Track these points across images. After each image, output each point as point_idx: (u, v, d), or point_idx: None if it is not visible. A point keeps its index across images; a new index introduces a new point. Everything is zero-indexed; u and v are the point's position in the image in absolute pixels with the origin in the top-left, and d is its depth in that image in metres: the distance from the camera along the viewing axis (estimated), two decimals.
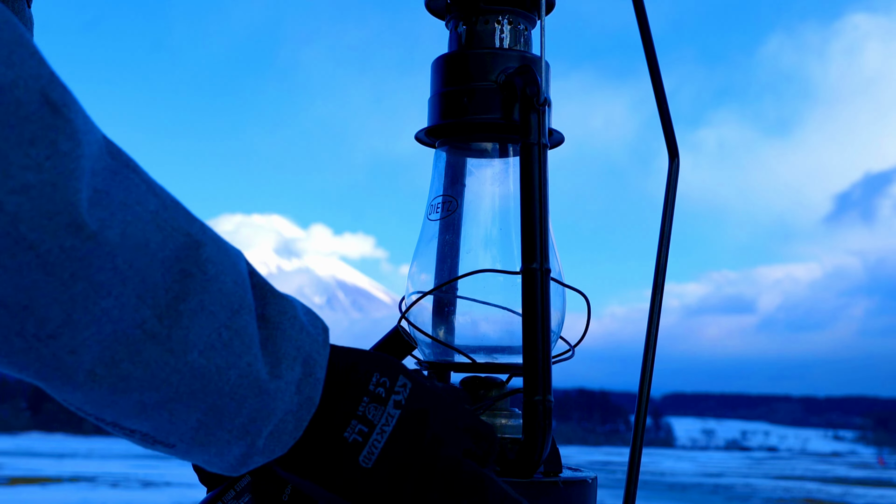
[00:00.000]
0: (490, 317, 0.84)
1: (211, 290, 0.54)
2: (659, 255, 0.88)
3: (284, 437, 0.60)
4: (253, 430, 0.58)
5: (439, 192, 0.87)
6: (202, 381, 0.55)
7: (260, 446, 0.60)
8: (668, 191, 0.89)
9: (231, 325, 0.56)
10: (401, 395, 0.64)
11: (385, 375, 0.65)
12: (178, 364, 0.54)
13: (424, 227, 0.87)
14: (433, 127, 0.85)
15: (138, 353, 0.52)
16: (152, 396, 0.54)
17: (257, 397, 0.57)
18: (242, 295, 0.57)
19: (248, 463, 0.60)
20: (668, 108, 0.88)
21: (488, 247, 0.85)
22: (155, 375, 0.53)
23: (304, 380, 0.60)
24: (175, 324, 0.53)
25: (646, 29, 0.87)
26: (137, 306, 0.51)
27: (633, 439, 0.86)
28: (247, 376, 0.57)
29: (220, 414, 0.57)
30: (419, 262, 0.87)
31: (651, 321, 0.87)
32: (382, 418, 0.63)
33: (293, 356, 0.59)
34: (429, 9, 0.87)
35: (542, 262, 0.76)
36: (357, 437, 0.63)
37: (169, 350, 0.53)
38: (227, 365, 0.56)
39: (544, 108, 0.78)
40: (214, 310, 0.55)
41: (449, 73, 0.83)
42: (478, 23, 0.84)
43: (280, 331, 0.59)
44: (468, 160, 0.88)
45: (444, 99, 0.83)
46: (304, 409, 0.60)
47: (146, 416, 0.55)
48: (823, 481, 37.75)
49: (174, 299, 0.53)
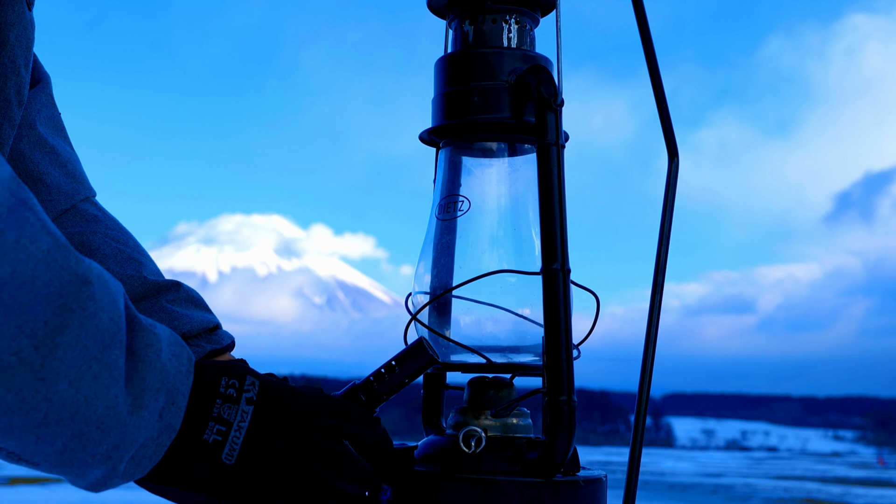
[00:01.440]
0: (496, 317, 0.83)
1: (87, 326, 0.58)
2: (658, 254, 0.88)
3: (144, 462, 0.65)
4: (115, 456, 0.62)
5: (448, 192, 0.86)
6: (70, 411, 0.59)
7: (121, 470, 0.64)
8: (668, 190, 0.89)
9: (101, 359, 0.59)
10: (251, 393, 0.69)
11: (233, 378, 0.69)
12: (49, 393, 0.57)
13: (432, 227, 0.87)
14: (439, 126, 0.84)
15: (11, 379, 0.55)
16: (20, 420, 0.57)
17: (121, 428, 0.61)
18: (115, 331, 0.60)
19: (108, 484, 0.64)
20: (667, 108, 0.88)
21: (497, 247, 0.85)
22: (25, 402, 0.56)
23: (167, 408, 0.64)
24: (50, 355, 0.56)
25: (645, 29, 0.87)
26: (15, 335, 0.54)
27: (633, 439, 0.86)
28: (113, 407, 0.60)
29: (85, 440, 0.61)
30: (426, 262, 0.86)
31: (651, 321, 0.87)
32: (237, 415, 0.68)
33: (157, 387, 0.64)
34: (430, 8, 0.86)
35: (563, 263, 0.76)
36: (216, 437, 0.67)
37: (41, 379, 0.56)
38: (96, 396, 0.59)
39: (561, 108, 0.78)
40: (88, 344, 0.58)
41: (455, 72, 0.83)
42: (485, 22, 0.83)
43: (145, 363, 0.63)
44: (476, 160, 0.87)
45: (450, 98, 0.83)
46: (165, 435, 0.65)
47: (13, 437, 0.59)
48: (823, 481, 37.72)
49: (52, 332, 0.56)
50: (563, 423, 0.75)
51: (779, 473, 45.22)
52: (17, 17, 0.76)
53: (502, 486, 0.75)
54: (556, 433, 0.75)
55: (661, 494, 26.67)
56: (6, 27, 0.75)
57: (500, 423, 0.81)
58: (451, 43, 0.87)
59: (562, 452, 0.75)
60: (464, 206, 0.85)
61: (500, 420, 0.81)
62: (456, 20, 0.85)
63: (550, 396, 0.75)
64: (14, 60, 0.76)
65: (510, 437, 0.81)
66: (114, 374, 0.60)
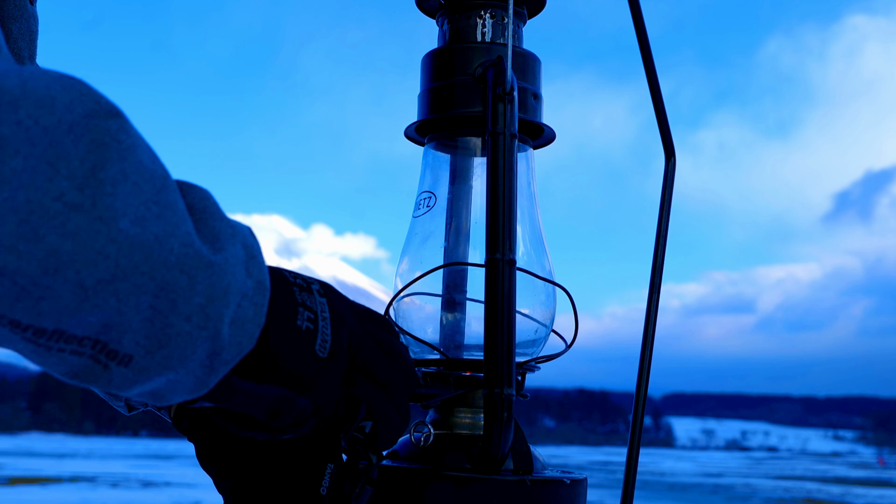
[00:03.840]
0: (479, 315, 0.83)
1: (131, 160, 0.50)
2: (656, 253, 0.88)
3: (248, 326, 0.55)
4: (213, 314, 0.53)
5: (423, 189, 0.86)
6: (143, 251, 0.50)
7: (226, 336, 0.54)
8: (665, 190, 0.89)
9: (159, 201, 0.51)
10: (317, 285, 0.63)
11: (292, 273, 0.62)
12: (112, 233, 0.48)
13: (410, 225, 0.87)
14: (418, 123, 0.85)
15: (63, 225, 0.47)
16: (91, 274, 0.48)
17: (207, 269, 0.52)
18: (164, 174, 0.52)
19: (216, 367, 0.55)
20: (664, 107, 0.89)
21: (468, 241, 0.84)
22: (89, 247, 0.48)
23: (250, 262, 0.56)
24: (98, 192, 0.48)
25: (641, 29, 0.87)
26: (51, 175, 0.47)
27: (630, 439, 0.86)
28: (190, 245, 0.52)
29: (173, 292, 0.51)
30: (404, 259, 0.87)
31: (648, 319, 0.87)
32: (318, 306, 0.61)
33: (230, 234, 0.55)
34: (420, 7, 0.87)
35: (504, 253, 0.74)
36: (308, 324, 0.59)
37: (97, 218, 0.48)
38: (166, 234, 0.51)
39: (511, 97, 0.77)
40: (138, 181, 0.50)
41: (433, 69, 0.83)
42: (460, 18, 0.84)
43: (209, 213, 0.55)
44: (453, 156, 0.87)
45: (428, 95, 0.83)
46: (259, 293, 0.56)
47: (91, 305, 0.49)
48: (823, 481, 37.74)
49: (92, 169, 0.48)
50: (495, 416, 0.72)
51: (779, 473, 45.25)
52: (18, 10, 0.78)
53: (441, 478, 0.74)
54: (490, 428, 0.73)
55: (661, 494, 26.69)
56: (9, 20, 0.77)
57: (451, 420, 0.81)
58: (437, 41, 0.87)
59: (497, 447, 0.73)
60: (431, 202, 0.85)
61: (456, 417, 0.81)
62: (440, 18, 0.86)
63: (488, 389, 0.73)
64: (18, 53, 0.78)
65: (463, 433, 0.80)
66: (178, 214, 0.52)
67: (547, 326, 0.85)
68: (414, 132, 0.86)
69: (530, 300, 0.83)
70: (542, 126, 0.84)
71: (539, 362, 0.83)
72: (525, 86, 0.81)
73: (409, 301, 0.85)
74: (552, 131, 0.85)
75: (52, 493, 20.07)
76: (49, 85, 0.48)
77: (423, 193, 0.86)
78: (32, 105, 0.46)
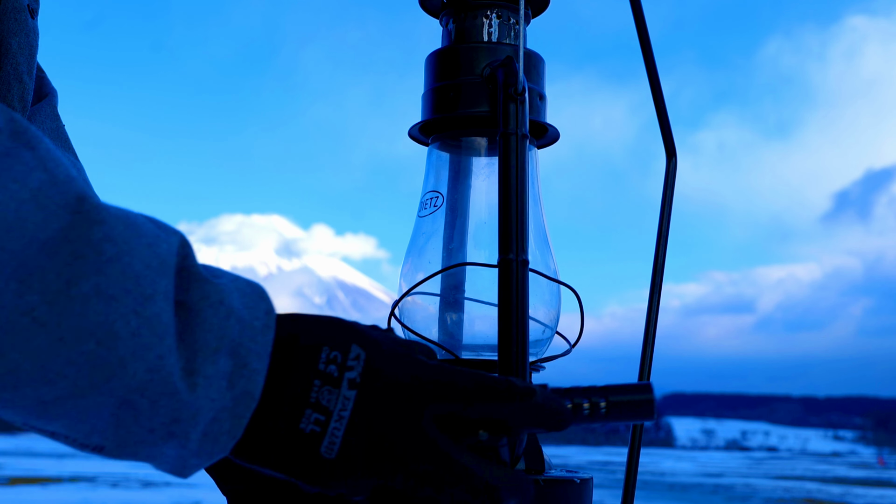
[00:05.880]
0: (485, 314, 0.83)
1: (108, 273, 0.49)
2: (657, 254, 0.88)
3: (223, 438, 0.55)
4: (178, 433, 0.53)
5: (428, 188, 0.86)
6: (103, 374, 0.49)
7: (194, 449, 0.54)
8: (666, 190, 0.89)
9: (141, 312, 0.50)
10: (355, 372, 0.57)
11: (336, 349, 0.58)
12: (73, 355, 0.48)
13: (415, 224, 0.87)
14: (423, 123, 0.85)
15: (26, 343, 0.47)
16: (49, 392, 0.49)
17: (172, 396, 0.52)
18: (155, 279, 0.51)
19: (189, 465, 0.55)
20: (665, 108, 0.88)
21: (476, 242, 0.84)
22: (47, 368, 0.48)
23: (237, 372, 0.54)
24: (66, 311, 0.47)
25: (643, 28, 0.87)
26: (21, 291, 0.46)
27: (631, 440, 0.86)
28: (157, 371, 0.51)
29: (134, 410, 0.51)
30: (409, 259, 0.87)
31: (649, 320, 0.87)
32: (338, 403, 0.57)
33: (214, 347, 0.53)
34: (423, 7, 0.87)
35: (518, 253, 0.74)
36: (314, 427, 0.57)
37: (60, 339, 0.48)
38: (133, 357, 0.50)
39: (522, 97, 0.77)
40: (115, 294, 0.49)
41: (437, 68, 0.83)
42: (466, 18, 0.84)
43: (200, 319, 0.53)
44: (458, 156, 0.87)
45: (433, 95, 0.83)
46: (242, 405, 0.54)
47: (52, 415, 0.51)
48: (823, 481, 37.74)
49: (66, 284, 0.47)
50: None
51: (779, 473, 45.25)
52: (19, 25, 0.77)
53: None
54: None
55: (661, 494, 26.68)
56: (9, 35, 0.76)
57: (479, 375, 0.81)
58: (441, 40, 0.87)
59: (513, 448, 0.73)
60: (438, 202, 0.85)
61: None
62: (444, 18, 0.86)
63: None
64: (17, 68, 0.77)
65: None
66: (157, 330, 0.50)
67: (552, 327, 0.85)
68: (418, 132, 0.86)
69: (536, 300, 0.83)
70: (546, 126, 0.84)
71: (544, 362, 0.83)
72: (531, 86, 0.82)
73: (412, 301, 0.85)
74: (556, 131, 0.85)
75: (52, 493, 20.06)
76: (21, 205, 0.47)
77: (429, 193, 0.86)
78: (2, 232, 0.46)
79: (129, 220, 0.51)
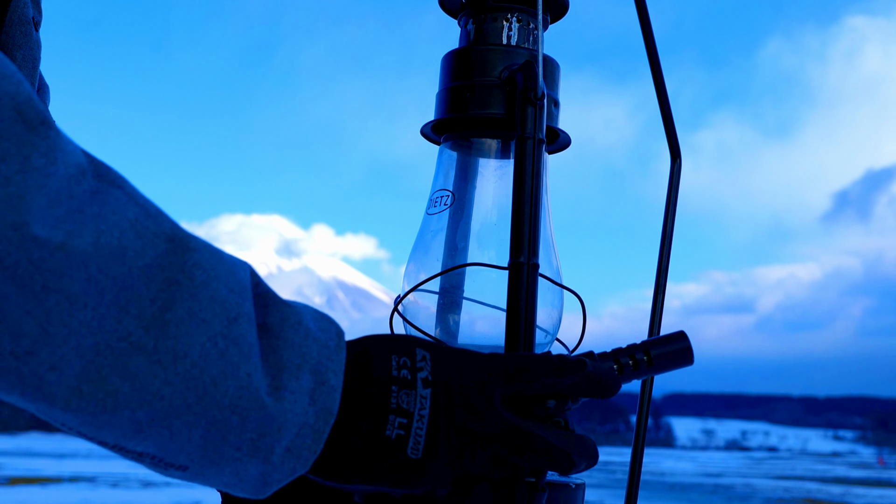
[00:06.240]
0: (486, 315, 0.83)
1: (200, 297, 0.52)
2: (661, 254, 0.87)
3: (304, 453, 0.57)
4: (264, 447, 0.56)
5: (439, 187, 0.86)
6: (197, 394, 0.53)
7: (277, 463, 0.57)
8: (670, 191, 0.89)
9: (228, 335, 0.53)
10: (425, 371, 0.61)
11: (403, 355, 0.62)
12: (169, 376, 0.52)
13: (423, 222, 0.87)
14: (436, 122, 0.85)
15: (125, 367, 0.50)
16: (146, 413, 0.52)
17: (260, 410, 0.55)
18: (239, 302, 0.54)
19: (271, 482, 0.58)
20: (670, 108, 0.88)
21: (484, 243, 0.84)
22: (145, 389, 0.51)
23: (318, 388, 0.57)
24: (162, 334, 0.51)
25: (647, 27, 0.87)
26: (120, 317, 0.49)
27: (635, 440, 0.86)
28: (246, 388, 0.54)
29: (224, 429, 0.54)
30: (415, 257, 0.87)
31: (653, 320, 0.87)
32: (417, 402, 0.60)
33: (297, 364, 0.57)
34: (442, 7, 0.87)
35: (529, 257, 0.74)
36: (399, 431, 0.59)
37: (157, 361, 0.51)
38: (224, 376, 0.53)
39: (541, 102, 0.77)
40: (206, 317, 0.53)
41: (454, 68, 0.83)
42: (486, 20, 0.84)
43: (282, 339, 0.56)
44: (471, 156, 0.87)
45: (448, 94, 0.83)
46: (321, 420, 0.57)
47: (145, 436, 0.53)
48: (823, 481, 37.75)
49: (160, 309, 0.51)
50: None
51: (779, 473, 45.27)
52: (24, 38, 0.78)
53: None
54: None
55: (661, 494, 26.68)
56: (14, 48, 0.77)
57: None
58: (459, 41, 0.87)
59: None
60: (448, 201, 0.85)
61: None
62: (464, 18, 0.86)
63: None
64: None
65: None
66: (243, 349, 0.54)
67: (553, 333, 0.84)
68: (430, 130, 0.86)
69: (540, 304, 0.83)
70: (558, 132, 0.84)
71: None
72: (548, 92, 0.82)
73: (414, 299, 0.85)
74: (568, 137, 0.85)
75: (52, 493, 20.06)
76: (123, 234, 0.50)
77: (439, 191, 0.86)
78: (104, 260, 0.49)
79: (212, 247, 0.55)
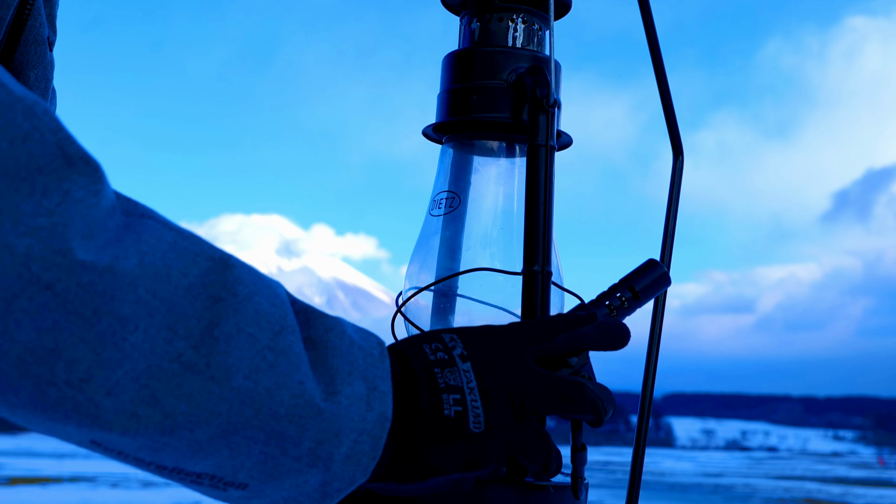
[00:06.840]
0: (489, 317, 0.83)
1: (245, 312, 0.53)
2: (663, 252, 0.87)
3: (364, 460, 0.57)
4: (323, 455, 0.56)
5: (442, 188, 0.86)
6: (253, 407, 0.53)
7: (337, 472, 0.57)
8: (673, 188, 0.88)
9: (275, 347, 0.54)
10: (459, 349, 0.62)
11: (433, 342, 0.63)
12: (224, 391, 0.52)
13: (425, 223, 0.87)
14: (440, 123, 0.84)
15: (179, 387, 0.50)
16: (205, 431, 0.52)
17: (317, 416, 0.55)
18: (283, 315, 0.55)
19: (330, 492, 0.57)
20: (672, 106, 0.88)
21: (489, 245, 0.84)
22: (202, 407, 0.51)
23: (372, 394, 0.57)
24: (213, 350, 0.51)
25: (650, 24, 0.86)
26: (169, 338, 0.50)
27: (637, 440, 0.86)
28: (300, 395, 0.54)
29: (283, 440, 0.54)
30: (417, 258, 0.86)
31: (654, 319, 0.87)
32: (462, 377, 0.61)
33: (347, 371, 0.57)
34: (445, 4, 0.86)
35: (543, 265, 0.75)
36: (456, 407, 0.60)
37: (210, 378, 0.51)
38: (277, 385, 0.53)
39: (553, 109, 0.77)
40: (253, 332, 0.53)
41: (458, 69, 0.82)
42: (491, 20, 0.83)
43: (329, 348, 0.57)
44: (474, 157, 0.87)
45: (452, 95, 0.82)
46: (379, 426, 0.57)
47: (205, 454, 0.53)
48: (823, 481, 37.76)
49: (208, 326, 0.51)
50: None
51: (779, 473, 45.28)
52: (38, 58, 0.79)
53: None
54: None
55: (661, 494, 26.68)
56: (27, 67, 0.78)
57: None
58: (461, 40, 0.86)
59: None
60: (454, 203, 0.85)
61: None
62: (466, 17, 0.85)
63: None
64: None
65: None
66: (292, 360, 0.54)
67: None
68: (432, 131, 0.86)
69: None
70: (560, 133, 0.84)
71: None
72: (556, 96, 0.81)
73: (414, 300, 0.85)
74: (569, 138, 0.85)
75: (52, 493, 20.06)
76: (165, 255, 0.50)
77: (443, 193, 0.85)
78: (150, 280, 0.49)
79: (248, 264, 0.55)
